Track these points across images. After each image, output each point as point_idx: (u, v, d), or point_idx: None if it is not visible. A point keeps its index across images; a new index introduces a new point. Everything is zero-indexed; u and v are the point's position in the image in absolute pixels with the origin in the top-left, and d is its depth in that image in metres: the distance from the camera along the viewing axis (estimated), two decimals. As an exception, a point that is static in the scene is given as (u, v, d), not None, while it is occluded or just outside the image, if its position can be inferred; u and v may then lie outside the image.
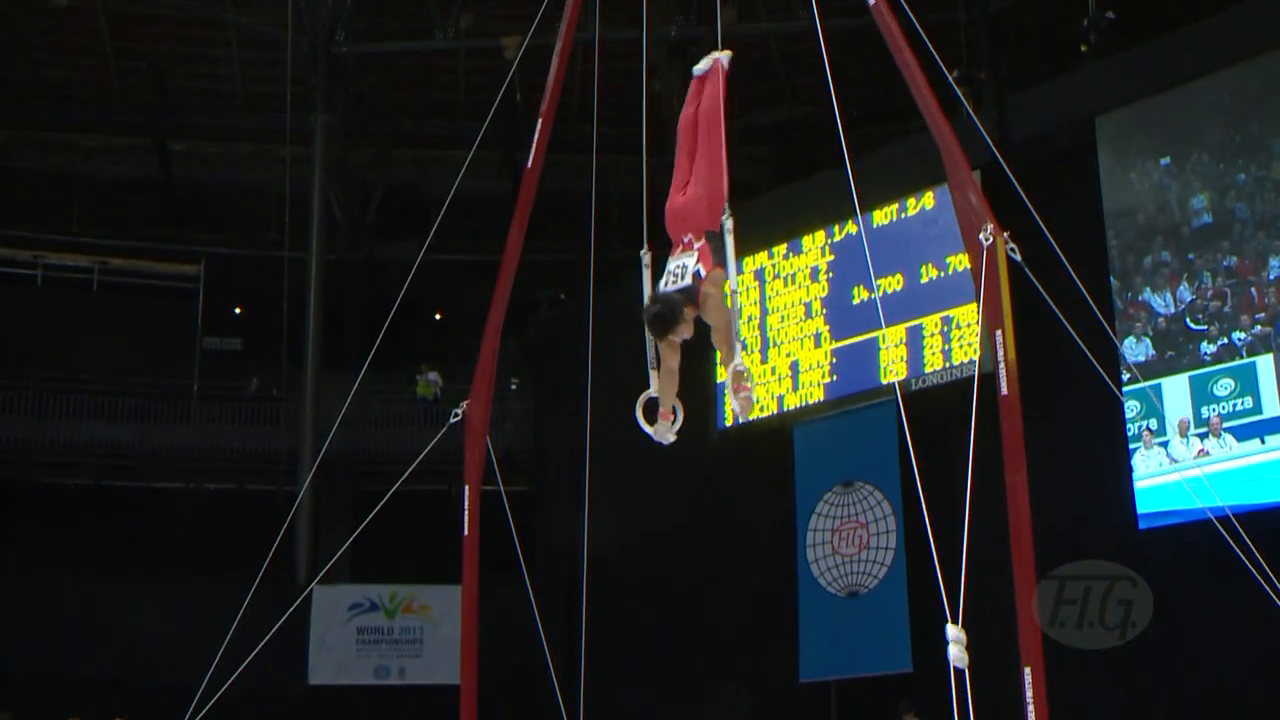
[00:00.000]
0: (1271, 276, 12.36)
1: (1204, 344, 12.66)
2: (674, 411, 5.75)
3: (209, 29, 22.03)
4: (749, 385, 5.52)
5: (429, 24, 21.20)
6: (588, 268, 9.44)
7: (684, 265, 5.60)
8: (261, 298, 21.72)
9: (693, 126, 5.97)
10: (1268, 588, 5.27)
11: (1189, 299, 12.83)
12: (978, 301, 5.24)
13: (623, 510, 16.32)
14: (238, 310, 23.69)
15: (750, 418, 15.33)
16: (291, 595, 9.87)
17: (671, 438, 5.75)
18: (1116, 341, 11.86)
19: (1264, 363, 12.18)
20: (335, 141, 21.86)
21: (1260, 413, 12.11)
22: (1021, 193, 5.78)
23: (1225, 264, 12.66)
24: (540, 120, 7.02)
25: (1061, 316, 5.54)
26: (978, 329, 5.23)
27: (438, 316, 23.33)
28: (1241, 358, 12.35)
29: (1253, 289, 12.42)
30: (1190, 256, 12.92)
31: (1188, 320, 12.77)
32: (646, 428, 5.73)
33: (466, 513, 7.28)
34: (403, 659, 19.24)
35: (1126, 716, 12.52)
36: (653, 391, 5.75)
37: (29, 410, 20.00)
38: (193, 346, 21.77)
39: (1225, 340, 12.50)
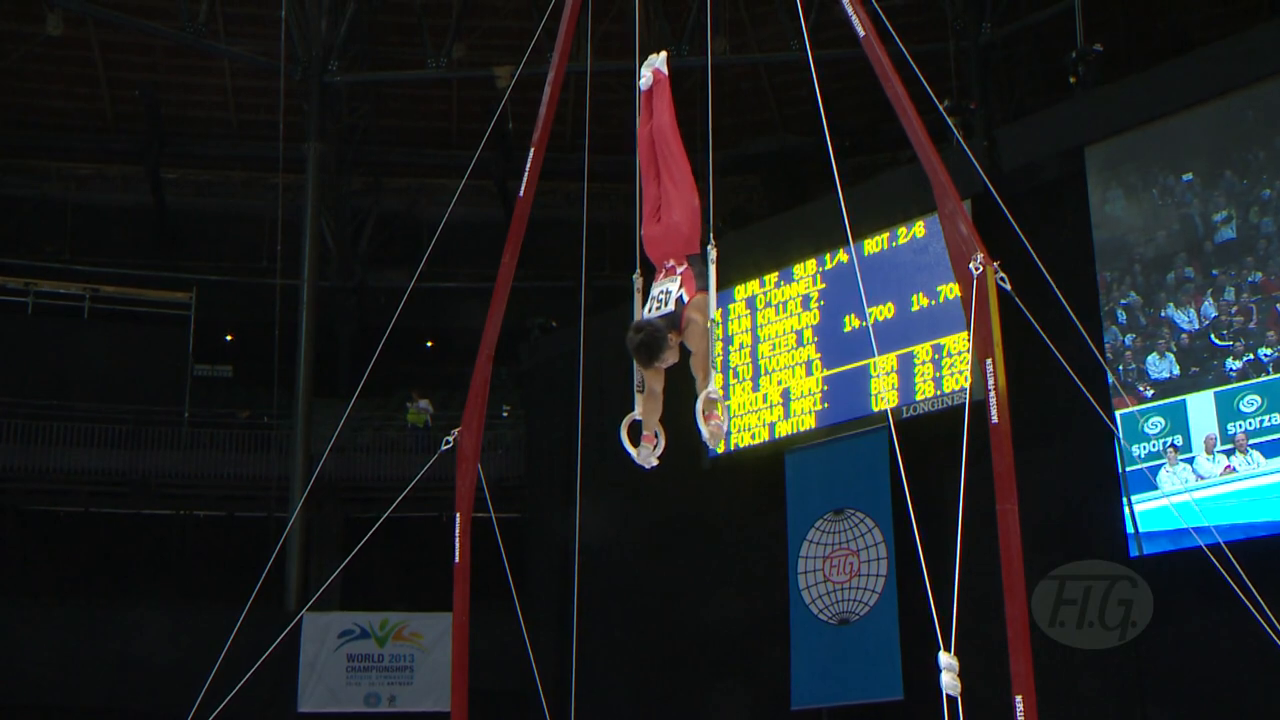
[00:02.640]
0: None
1: (1229, 360, 12.60)
2: (656, 436, 5.73)
3: (202, 58, 22.12)
4: (720, 415, 5.48)
5: (422, 54, 21.30)
6: (579, 295, 9.47)
7: (667, 291, 5.58)
8: (252, 325, 21.72)
9: (650, 146, 5.90)
10: (1258, 615, 5.27)
11: (1213, 315, 12.83)
12: (968, 330, 5.27)
13: (614, 537, 16.32)
14: (229, 338, 23.68)
15: (719, 450, 15.37)
16: (282, 622, 9.86)
17: (654, 461, 5.74)
18: (1108, 369, 11.89)
19: None
20: (328, 170, 21.91)
21: None
22: (1012, 221, 5.82)
23: (1250, 280, 12.62)
24: (533, 149, 7.05)
25: (1052, 345, 5.57)
26: (968, 358, 5.26)
27: (429, 344, 23.35)
28: (1268, 374, 12.25)
29: (1278, 305, 12.33)
30: (1214, 273, 12.88)
31: (1212, 337, 12.75)
32: (630, 450, 5.73)
33: (457, 540, 7.28)
34: (393, 686, 19.15)
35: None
36: (637, 414, 5.75)
37: (19, 437, 19.94)
38: (184, 374, 21.74)
39: (1251, 356, 12.42)
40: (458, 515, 7.33)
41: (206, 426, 21.28)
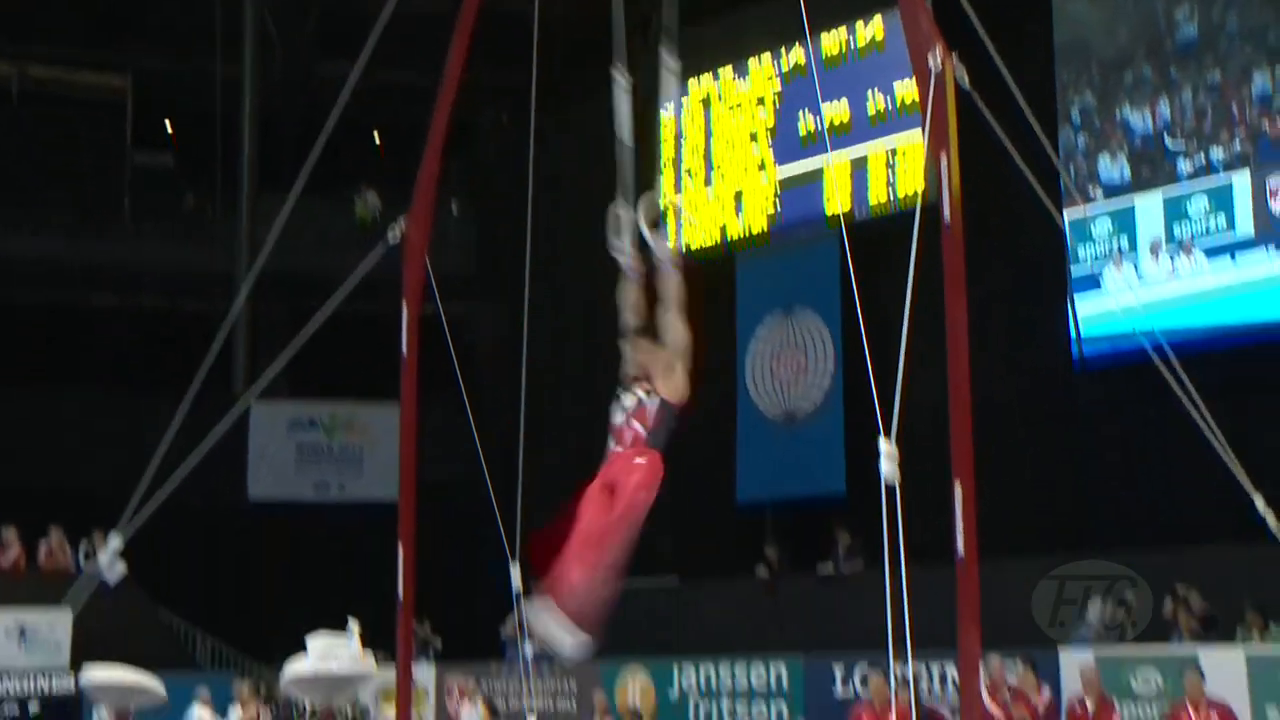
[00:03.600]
0: (1255, 93, 12.08)
1: (1180, 161, 12.50)
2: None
3: None
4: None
5: None
6: (531, 89, 9.24)
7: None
8: (194, 113, 21.12)
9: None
10: (1194, 411, 5.39)
11: (1167, 117, 12.64)
12: (924, 127, 5.19)
13: (564, 332, 16.37)
14: (169, 126, 23.01)
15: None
16: (229, 411, 9.83)
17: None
18: (1063, 172, 11.84)
19: (1240, 181, 11.99)
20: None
21: (1234, 232, 12.03)
22: (972, 15, 5.68)
23: (1209, 81, 12.39)
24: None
25: (1007, 142, 5.51)
26: (923, 158, 5.20)
27: (377, 138, 22.87)
28: (1218, 174, 12.16)
29: (1234, 105, 12.17)
30: (1172, 73, 12.67)
31: (1166, 139, 12.62)
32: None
33: (405, 334, 7.26)
34: (343, 475, 19.43)
35: (1054, 528, 12.93)
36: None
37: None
38: (122, 162, 21.16)
39: (1202, 159, 12.29)
40: (405, 307, 7.30)
41: (149, 217, 20.87)
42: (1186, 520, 11.58)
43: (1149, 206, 12.55)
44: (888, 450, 4.56)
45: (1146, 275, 12.46)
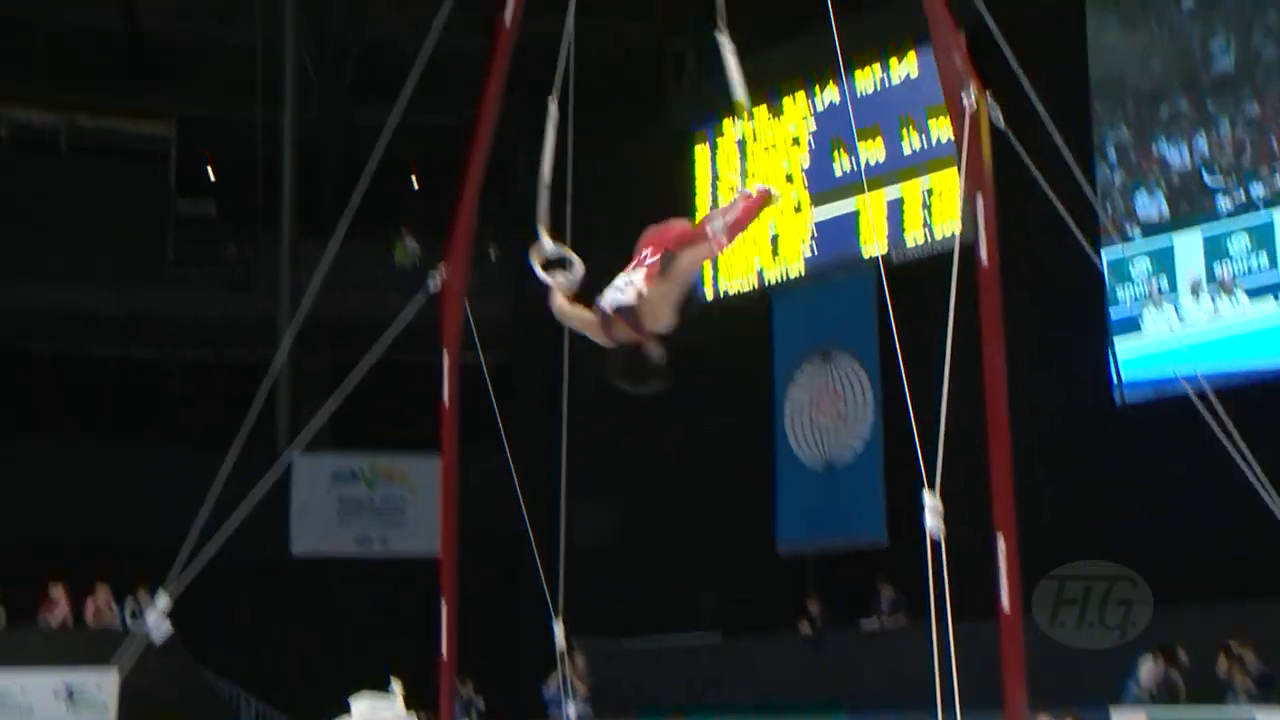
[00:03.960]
0: None
1: (1220, 198, 12.26)
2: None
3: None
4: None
5: (404, -125, 20.49)
6: (567, 129, 9.26)
7: (630, 281, 4.99)
8: (235, 160, 21.32)
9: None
10: (1240, 459, 5.28)
11: (1205, 150, 12.39)
12: (958, 165, 5.15)
13: (602, 381, 16.32)
14: (210, 172, 23.26)
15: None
16: (272, 464, 9.86)
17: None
18: (1098, 209, 11.71)
19: None
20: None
21: (1276, 269, 11.74)
22: (1008, 52, 5.64)
23: (1247, 112, 12.12)
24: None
25: (1042, 179, 5.45)
26: (958, 196, 5.15)
27: (415, 181, 23.01)
28: (1258, 209, 11.91)
29: (1273, 137, 11.93)
30: (1209, 106, 12.45)
31: (1204, 173, 12.42)
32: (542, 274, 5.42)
33: (445, 381, 7.24)
34: (384, 529, 19.38)
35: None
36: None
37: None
38: (166, 210, 21.37)
39: (1242, 194, 12.04)
40: (445, 353, 7.29)
41: (191, 265, 21.03)
42: (1241, 572, 11.35)
43: (1188, 244, 12.34)
44: (931, 504, 4.48)
45: (1187, 315, 12.26)
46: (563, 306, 5.18)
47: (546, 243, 5.50)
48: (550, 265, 5.41)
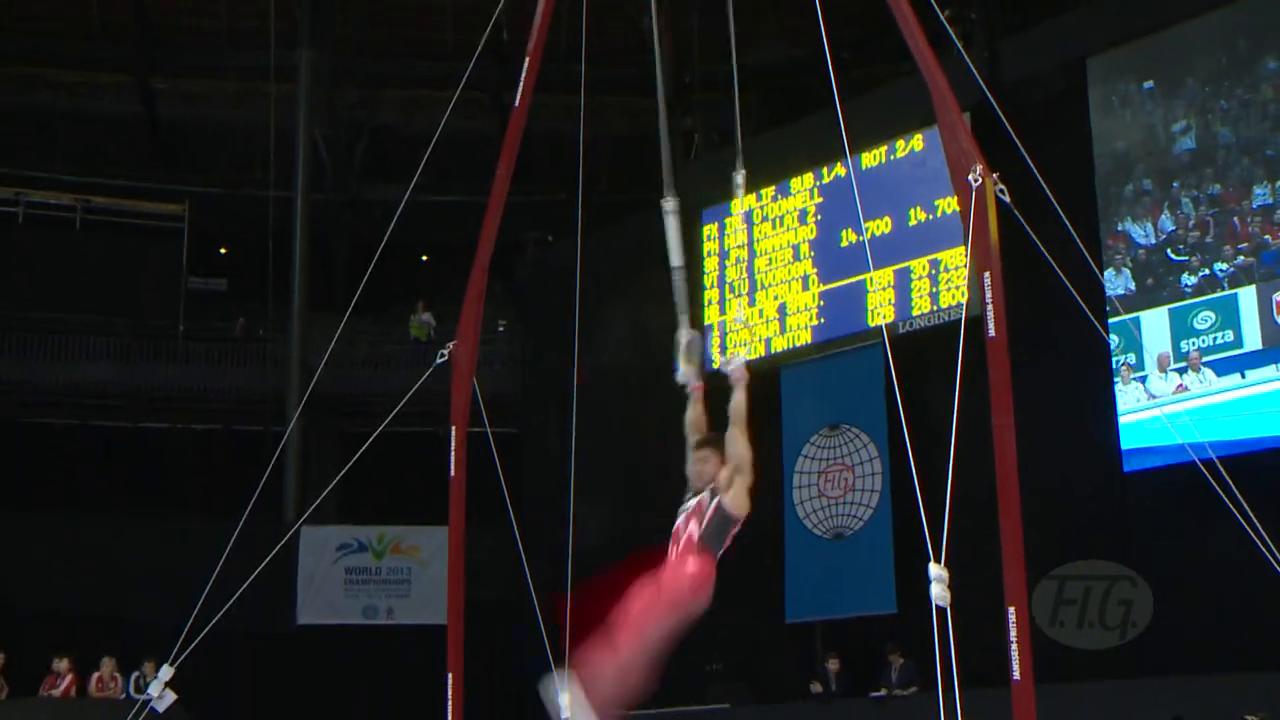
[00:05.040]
0: (1255, 205, 12.15)
1: (1185, 276, 12.48)
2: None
3: (191, -37, 21.74)
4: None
5: (415, -39, 20.94)
6: (575, 210, 9.39)
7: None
8: (246, 238, 21.57)
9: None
10: (1250, 530, 5.30)
11: (1170, 229, 12.66)
12: (966, 244, 5.23)
13: (609, 451, 16.36)
14: (222, 251, 23.53)
15: (715, 364, 15.35)
16: (279, 535, 9.89)
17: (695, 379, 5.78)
18: (1103, 284, 11.84)
19: (1246, 295, 11.99)
20: (321, 80, 21.63)
21: (1241, 346, 11.97)
22: (1012, 133, 5.75)
23: (1210, 192, 12.46)
24: (528, 59, 6.96)
25: (1050, 259, 5.53)
26: (965, 272, 5.22)
27: (424, 259, 23.24)
28: (1223, 290, 12.18)
29: (1235, 219, 12.22)
30: (1174, 185, 12.73)
31: (1169, 252, 12.62)
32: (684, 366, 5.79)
33: (453, 453, 7.29)
34: (391, 599, 19.35)
35: (1109, 659, 12.64)
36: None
37: (12, 350, 19.91)
38: (177, 287, 21.61)
39: (1207, 272, 12.29)
40: (453, 428, 7.34)
41: (201, 340, 21.24)
42: (1255, 640, 11.29)
43: (1155, 320, 12.52)
44: (936, 574, 4.50)
45: (1155, 390, 12.41)
46: (692, 414, 5.78)
47: (690, 332, 5.87)
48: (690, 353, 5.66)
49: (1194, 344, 12.22)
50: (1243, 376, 11.87)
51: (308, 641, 18.78)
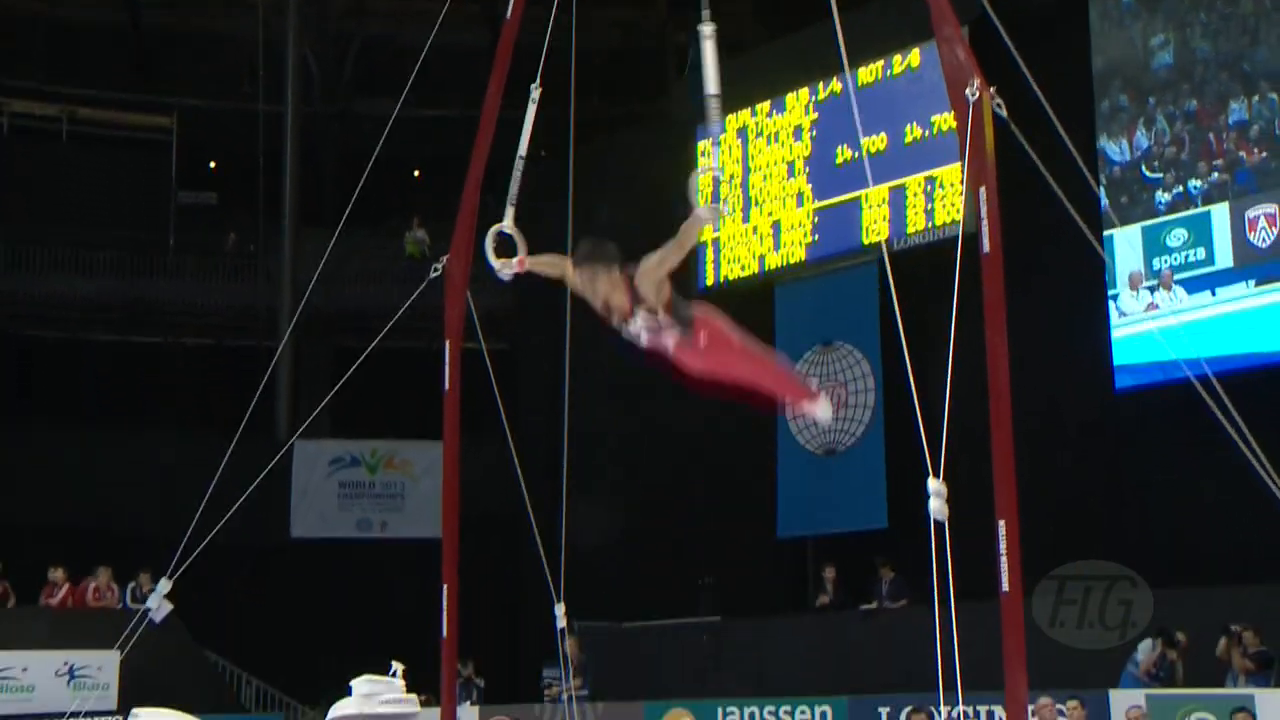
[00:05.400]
0: (1231, 121, 12.07)
1: (1159, 194, 12.42)
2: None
3: None
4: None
5: None
6: (568, 123, 9.31)
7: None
8: (236, 152, 21.38)
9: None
10: (1246, 450, 5.32)
11: (1145, 146, 12.58)
12: (962, 159, 5.19)
13: (603, 368, 16.38)
14: (212, 165, 23.33)
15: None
16: (272, 450, 9.94)
17: (507, 274, 5.80)
18: (1103, 201, 11.79)
19: (1219, 212, 11.94)
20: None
21: (1213, 264, 11.95)
22: (1010, 46, 5.69)
23: (1187, 109, 12.36)
24: (520, -31, 6.85)
25: (1046, 174, 5.49)
26: (961, 189, 5.20)
27: (417, 173, 23.06)
28: (1196, 207, 12.13)
29: (1211, 135, 12.14)
30: (1150, 101, 12.63)
31: (1143, 169, 12.56)
32: (492, 260, 5.71)
33: (447, 369, 7.30)
34: (385, 513, 19.49)
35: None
36: (505, 227, 5.90)
37: (2, 263, 19.81)
38: (167, 201, 21.47)
39: (1181, 190, 12.24)
40: (447, 343, 7.34)
41: (192, 254, 21.13)
42: (1241, 555, 11.42)
43: (1129, 238, 12.50)
44: (935, 488, 4.54)
45: (1125, 309, 12.41)
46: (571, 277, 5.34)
47: (508, 223, 5.93)
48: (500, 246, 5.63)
49: (1166, 262, 12.16)
50: (1213, 295, 11.84)
51: (301, 555, 18.96)
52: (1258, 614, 10.60)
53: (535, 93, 6.34)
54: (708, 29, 5.57)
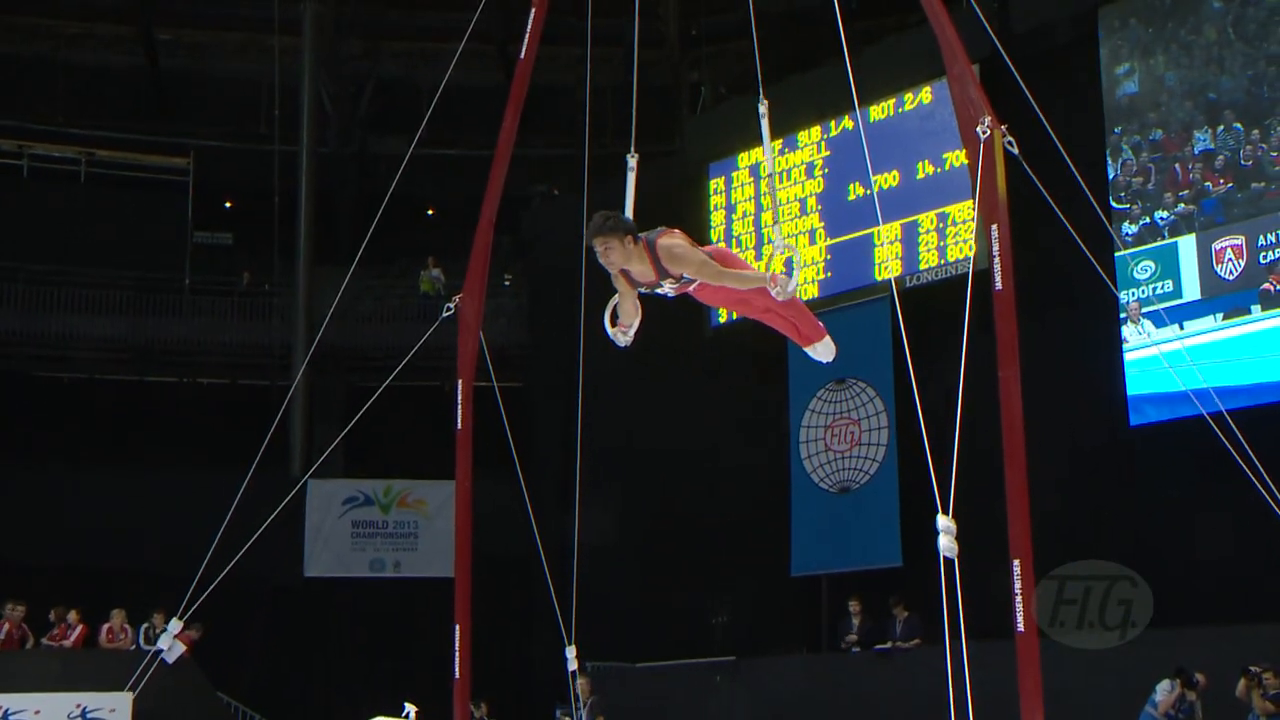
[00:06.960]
0: (1197, 150, 12.03)
1: (1125, 224, 12.39)
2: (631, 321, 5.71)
3: (194, -86, 21.54)
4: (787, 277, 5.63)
5: (419, -90, 20.73)
6: (581, 162, 9.36)
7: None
8: (252, 191, 21.50)
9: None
10: (1257, 482, 5.30)
11: (1112, 176, 12.56)
12: (974, 196, 5.20)
13: (617, 406, 16.39)
14: (227, 204, 23.46)
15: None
16: (286, 489, 9.94)
17: (625, 340, 5.73)
18: (1115, 236, 11.77)
19: (1185, 244, 11.90)
20: (325, 32, 21.48)
21: (1180, 296, 11.90)
22: (1022, 84, 5.71)
23: (1152, 138, 12.33)
24: (534, 10, 6.91)
25: (1058, 210, 5.50)
26: (974, 225, 5.20)
27: (430, 212, 23.16)
28: (1163, 239, 12.10)
29: (1176, 165, 12.11)
30: (1116, 130, 12.63)
31: (1110, 199, 12.55)
32: (608, 329, 5.74)
33: (459, 406, 7.31)
34: (398, 552, 19.44)
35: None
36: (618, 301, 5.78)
37: (19, 303, 19.90)
38: (183, 240, 21.58)
39: (1148, 220, 12.22)
40: (459, 381, 7.36)
41: (207, 294, 21.23)
42: (1261, 595, 11.32)
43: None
44: (945, 525, 4.51)
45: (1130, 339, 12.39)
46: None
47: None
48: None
49: (1134, 294, 12.12)
50: (1181, 328, 11.76)
51: (315, 594, 18.91)
52: (1279, 654, 10.48)
53: (632, 160, 6.22)
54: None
